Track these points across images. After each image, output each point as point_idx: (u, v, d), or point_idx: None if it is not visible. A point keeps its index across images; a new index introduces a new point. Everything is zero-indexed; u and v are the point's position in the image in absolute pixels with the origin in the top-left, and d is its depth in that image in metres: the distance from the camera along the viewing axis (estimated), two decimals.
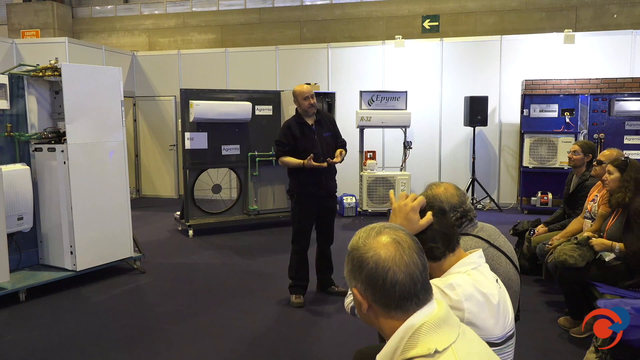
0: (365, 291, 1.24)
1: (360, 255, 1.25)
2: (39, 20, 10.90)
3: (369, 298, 1.24)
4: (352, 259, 1.27)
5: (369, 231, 1.29)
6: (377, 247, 1.23)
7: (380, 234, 1.26)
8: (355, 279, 1.25)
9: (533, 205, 8.02)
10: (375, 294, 1.22)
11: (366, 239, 1.27)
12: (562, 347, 3.52)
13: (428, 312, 1.22)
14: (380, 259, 1.21)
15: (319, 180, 4.32)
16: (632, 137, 7.63)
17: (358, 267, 1.24)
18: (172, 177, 10.04)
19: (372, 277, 1.22)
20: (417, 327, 1.19)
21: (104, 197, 5.03)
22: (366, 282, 1.23)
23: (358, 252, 1.26)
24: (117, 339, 3.76)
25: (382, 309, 1.23)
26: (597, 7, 9.05)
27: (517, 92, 8.41)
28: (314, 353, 3.53)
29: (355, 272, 1.25)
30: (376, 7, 9.98)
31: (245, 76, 9.37)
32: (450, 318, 1.25)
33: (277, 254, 5.88)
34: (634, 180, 3.47)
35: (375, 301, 1.23)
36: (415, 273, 1.22)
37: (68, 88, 4.67)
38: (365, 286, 1.23)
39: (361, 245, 1.26)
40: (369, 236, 1.27)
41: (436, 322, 1.21)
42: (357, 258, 1.25)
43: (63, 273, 4.81)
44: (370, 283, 1.22)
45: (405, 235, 1.27)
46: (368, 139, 8.39)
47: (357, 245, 1.27)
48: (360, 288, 1.24)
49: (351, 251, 1.28)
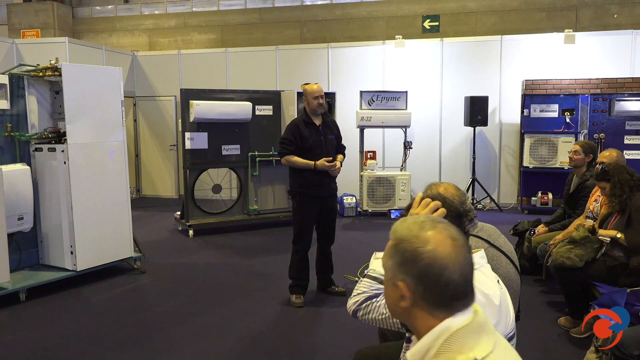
0: (415, 286, 1.17)
1: (415, 248, 1.18)
2: (39, 20, 10.90)
3: (417, 294, 1.18)
4: (402, 251, 1.20)
5: (421, 223, 1.22)
6: (434, 242, 1.17)
7: (435, 228, 1.20)
8: (404, 273, 1.19)
9: (533, 205, 8.02)
10: (427, 290, 1.17)
11: (420, 231, 1.20)
12: (562, 347, 3.52)
13: (467, 316, 1.18)
14: (438, 255, 1.16)
15: (322, 181, 4.32)
16: (633, 137, 7.63)
17: (410, 260, 1.18)
18: (173, 177, 10.04)
19: (427, 273, 1.16)
20: (454, 330, 1.15)
21: (104, 197, 5.03)
22: (418, 277, 1.16)
23: (411, 245, 1.19)
24: (117, 339, 3.76)
25: (428, 307, 1.18)
26: (598, 7, 9.04)
27: (518, 92, 8.41)
28: (314, 353, 3.53)
29: (405, 266, 1.19)
30: (376, 7, 9.97)
31: (246, 76, 9.37)
32: (487, 325, 1.21)
33: (277, 254, 5.88)
34: (619, 183, 3.51)
35: (423, 298, 1.18)
36: (468, 274, 1.19)
37: (68, 88, 4.67)
38: (417, 281, 1.17)
39: (413, 237, 1.19)
40: (423, 228, 1.20)
41: (475, 328, 1.17)
42: (410, 251, 1.18)
43: (63, 273, 4.81)
44: (424, 279, 1.16)
45: (458, 232, 1.22)
46: (368, 139, 8.39)
47: (408, 237, 1.20)
48: (409, 282, 1.18)
49: (400, 242, 1.21)
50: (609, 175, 3.57)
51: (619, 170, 3.56)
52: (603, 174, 3.60)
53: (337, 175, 4.46)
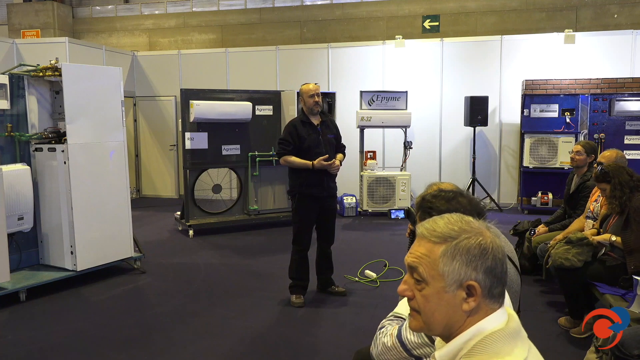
0: (484, 280, 1.10)
1: (479, 242, 1.11)
2: (39, 20, 10.90)
3: (485, 290, 1.11)
4: (466, 249, 1.11)
5: (460, 219, 1.16)
6: (485, 232, 1.13)
7: (471, 220, 1.16)
8: (475, 270, 1.10)
9: (533, 205, 8.02)
10: (493, 282, 1.11)
11: (468, 225, 1.14)
12: (562, 347, 3.52)
13: (501, 320, 1.13)
14: (496, 244, 1.11)
15: (321, 181, 4.32)
16: (633, 137, 7.63)
17: (479, 255, 1.10)
18: (173, 177, 10.04)
19: (495, 265, 1.11)
20: (488, 332, 1.11)
21: (105, 197, 5.03)
22: (490, 269, 1.10)
23: (473, 240, 1.11)
24: (117, 339, 3.76)
25: (489, 301, 1.12)
26: (598, 7, 9.04)
27: (518, 92, 8.41)
28: (314, 353, 3.53)
29: (476, 262, 1.10)
30: (376, 7, 9.97)
31: (246, 76, 9.37)
32: (522, 331, 1.16)
33: (277, 254, 5.88)
34: (619, 185, 3.50)
35: (488, 292, 1.11)
36: None
37: (68, 88, 4.67)
38: (487, 275, 1.10)
39: (469, 232, 1.12)
40: (467, 221, 1.15)
41: (510, 333, 1.12)
42: (476, 246, 1.11)
43: (63, 273, 4.81)
44: (492, 270, 1.10)
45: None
46: (368, 139, 8.39)
47: (462, 233, 1.12)
48: (481, 278, 1.10)
49: (459, 242, 1.12)
50: (609, 176, 3.56)
51: (619, 171, 3.56)
52: (603, 175, 3.60)
53: (337, 174, 4.46)
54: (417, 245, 1.19)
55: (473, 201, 1.76)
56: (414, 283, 1.17)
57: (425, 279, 1.14)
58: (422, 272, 1.14)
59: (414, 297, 1.17)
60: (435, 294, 1.13)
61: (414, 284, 1.17)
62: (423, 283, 1.15)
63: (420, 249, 1.16)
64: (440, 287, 1.12)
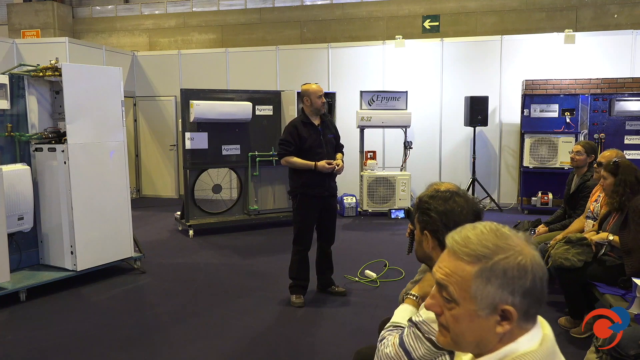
0: (521, 303, 1.00)
1: (517, 262, 1.00)
2: (39, 20, 10.90)
3: (522, 312, 1.01)
4: (503, 270, 1.00)
5: (493, 231, 1.04)
6: (524, 249, 1.01)
7: (508, 233, 1.04)
8: (512, 294, 1.00)
9: (533, 205, 8.02)
10: (531, 304, 1.01)
11: (505, 241, 1.03)
12: (563, 347, 3.49)
13: (535, 340, 1.04)
14: (536, 261, 1.01)
15: (323, 181, 4.33)
16: (633, 137, 7.63)
17: (518, 277, 0.99)
18: (173, 177, 10.04)
19: (534, 286, 1.00)
20: (520, 354, 1.02)
21: (105, 197, 5.03)
22: (529, 291, 1.00)
23: (510, 259, 1.00)
24: (117, 339, 3.76)
25: (524, 322, 1.03)
26: (598, 7, 9.04)
27: (518, 92, 8.41)
28: (314, 353, 3.53)
29: (513, 285, 1.00)
30: (376, 7, 9.97)
31: (246, 76, 9.37)
32: (556, 351, 1.08)
33: (277, 254, 5.88)
34: (623, 182, 3.50)
35: (525, 313, 1.02)
36: None
37: (68, 88, 4.67)
38: (524, 296, 1.00)
39: (506, 250, 1.01)
40: (504, 236, 1.03)
41: (544, 354, 1.03)
42: (514, 266, 1.00)
43: (63, 273, 4.81)
44: (532, 292, 1.00)
45: None
46: (368, 139, 8.39)
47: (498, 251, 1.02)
48: (517, 302, 1.00)
49: (495, 262, 1.01)
50: (618, 170, 3.55)
51: (629, 170, 3.54)
52: (614, 167, 3.59)
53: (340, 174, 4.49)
54: (446, 258, 1.08)
55: (470, 200, 1.76)
56: (443, 301, 1.08)
57: (455, 299, 1.05)
58: (452, 291, 1.05)
59: (443, 313, 1.09)
60: (467, 316, 1.04)
61: (444, 302, 1.08)
62: (453, 303, 1.06)
63: (450, 265, 1.06)
64: (472, 310, 1.03)
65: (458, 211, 1.70)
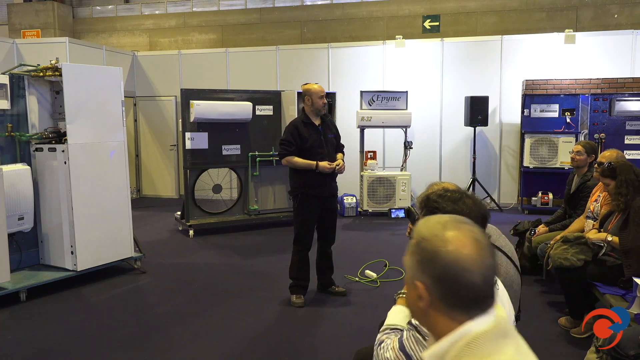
0: (433, 287, 1.14)
1: (435, 248, 1.14)
2: (39, 20, 10.90)
3: (435, 295, 1.14)
4: (421, 250, 1.17)
5: (444, 223, 1.19)
6: (456, 243, 1.14)
7: (457, 229, 1.16)
8: (423, 272, 1.15)
9: (533, 206, 8.02)
10: (445, 292, 1.13)
11: (442, 231, 1.16)
12: (563, 347, 3.52)
13: (489, 321, 1.14)
14: (459, 256, 1.12)
15: (324, 181, 4.33)
16: (633, 137, 7.62)
17: (430, 260, 1.14)
18: (173, 177, 10.04)
19: (445, 275, 1.12)
20: (475, 334, 1.11)
21: (105, 197, 5.03)
22: (437, 278, 1.13)
23: (431, 244, 1.15)
24: (117, 339, 3.76)
25: (446, 309, 1.15)
26: (598, 7, 9.04)
27: (518, 92, 8.41)
28: (314, 353, 3.53)
29: (424, 266, 1.15)
30: (377, 7, 9.97)
31: (246, 76, 9.37)
32: (511, 330, 1.18)
33: (278, 254, 5.88)
34: (624, 182, 3.50)
35: (441, 299, 1.14)
36: (490, 276, 1.15)
37: (69, 88, 4.67)
38: (435, 282, 1.13)
39: (433, 237, 1.16)
40: (445, 228, 1.17)
41: (498, 333, 1.12)
42: (430, 251, 1.14)
43: (63, 273, 4.81)
44: (442, 280, 1.13)
45: (482, 233, 1.19)
46: (368, 139, 8.39)
47: (429, 236, 1.16)
48: (428, 283, 1.14)
49: (420, 241, 1.18)
50: (615, 172, 3.56)
51: (627, 169, 3.55)
52: (610, 171, 3.59)
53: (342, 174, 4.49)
54: None
55: (478, 203, 1.76)
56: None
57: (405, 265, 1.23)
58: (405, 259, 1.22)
59: None
60: (407, 281, 1.22)
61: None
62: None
63: None
64: (407, 277, 1.21)
65: (466, 213, 1.70)
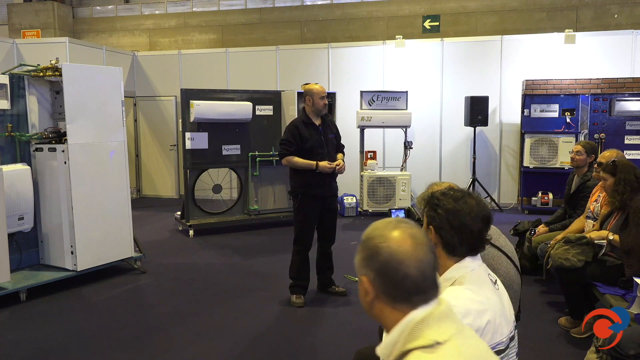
0: (375, 280, 1.24)
1: (376, 245, 1.25)
2: (39, 20, 10.90)
3: (378, 288, 1.24)
4: (365, 247, 1.28)
5: (387, 224, 1.29)
6: (393, 239, 1.24)
7: (397, 228, 1.27)
8: (366, 268, 1.26)
9: (533, 206, 8.02)
10: (386, 284, 1.23)
11: (383, 230, 1.27)
12: (563, 347, 3.52)
13: (430, 307, 1.23)
14: (395, 251, 1.22)
15: (324, 181, 4.33)
16: (633, 137, 7.62)
17: (371, 256, 1.25)
18: (173, 177, 10.04)
19: (385, 268, 1.22)
20: (418, 320, 1.20)
21: (105, 197, 5.03)
22: (377, 271, 1.23)
23: (373, 242, 1.26)
24: (117, 339, 3.76)
25: (389, 300, 1.24)
26: (598, 7, 9.04)
27: (518, 92, 8.41)
28: (314, 353, 3.53)
29: (367, 261, 1.26)
30: (377, 7, 9.97)
31: (246, 76, 9.37)
32: (452, 314, 1.26)
33: (278, 254, 5.88)
34: (623, 181, 3.50)
35: (383, 292, 1.24)
36: (427, 270, 1.23)
37: (69, 88, 4.67)
38: (376, 276, 1.24)
39: (377, 235, 1.27)
40: (386, 228, 1.28)
41: (438, 316, 1.21)
42: (372, 247, 1.25)
43: (64, 273, 4.81)
44: (382, 273, 1.23)
45: (420, 232, 1.28)
46: (368, 139, 8.39)
47: (372, 235, 1.28)
48: (371, 277, 1.25)
49: (365, 240, 1.29)
50: (616, 170, 3.56)
51: (627, 169, 3.55)
52: (612, 167, 3.59)
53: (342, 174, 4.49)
54: None
55: (481, 204, 1.76)
56: None
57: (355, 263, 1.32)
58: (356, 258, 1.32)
59: None
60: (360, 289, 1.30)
61: None
62: None
63: None
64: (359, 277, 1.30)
65: (466, 212, 1.71)
